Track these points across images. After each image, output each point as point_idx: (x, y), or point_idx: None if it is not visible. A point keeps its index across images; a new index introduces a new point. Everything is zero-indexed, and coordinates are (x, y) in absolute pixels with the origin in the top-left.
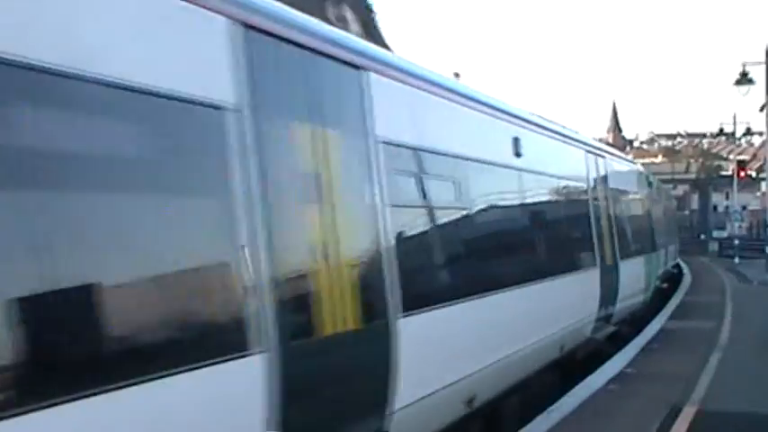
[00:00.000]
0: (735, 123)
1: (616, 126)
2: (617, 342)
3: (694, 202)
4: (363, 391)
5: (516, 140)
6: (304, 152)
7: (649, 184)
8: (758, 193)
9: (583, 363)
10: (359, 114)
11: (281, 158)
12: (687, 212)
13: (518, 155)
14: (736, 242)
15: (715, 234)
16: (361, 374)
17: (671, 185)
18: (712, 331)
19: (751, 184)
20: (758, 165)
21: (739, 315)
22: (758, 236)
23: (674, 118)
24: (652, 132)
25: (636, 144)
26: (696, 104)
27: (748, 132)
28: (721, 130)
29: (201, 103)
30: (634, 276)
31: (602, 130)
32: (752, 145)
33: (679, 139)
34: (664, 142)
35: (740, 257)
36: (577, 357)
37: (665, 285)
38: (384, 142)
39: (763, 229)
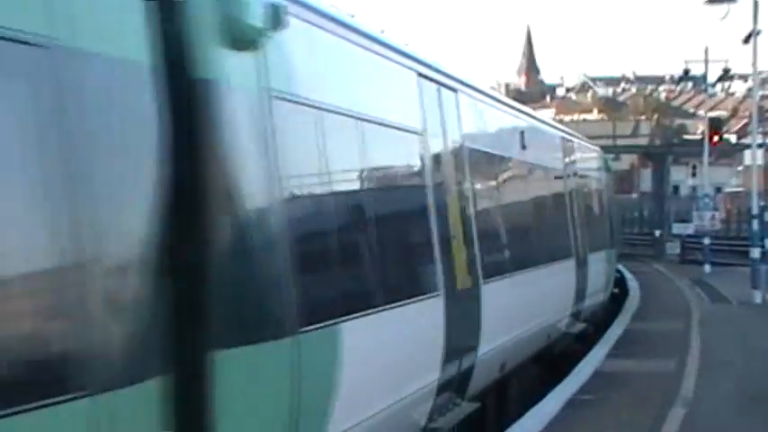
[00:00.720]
0: (706, 62)
1: (531, 65)
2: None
3: (646, 180)
4: (473, 333)
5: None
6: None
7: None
8: (739, 168)
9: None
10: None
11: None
12: (635, 196)
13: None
14: (707, 241)
15: (676, 230)
16: (470, 322)
17: (611, 156)
18: (671, 377)
19: (729, 153)
20: (740, 124)
21: (711, 353)
22: (738, 233)
23: (617, 55)
24: (585, 75)
25: (560, 92)
26: (650, 37)
27: (726, 76)
28: (686, 72)
29: (408, 130)
30: (598, 271)
31: (510, 71)
32: (731, 95)
33: (624, 85)
34: (602, 90)
35: (712, 264)
36: (555, 353)
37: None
38: None
39: (746, 223)
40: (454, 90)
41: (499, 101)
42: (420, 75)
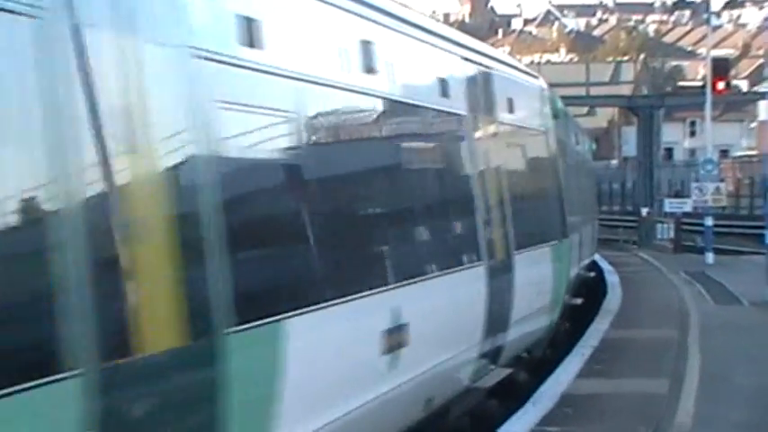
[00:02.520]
0: None
1: None
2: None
3: (629, 142)
4: (507, 303)
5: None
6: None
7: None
8: (752, 125)
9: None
10: None
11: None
12: (614, 163)
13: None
14: (709, 222)
15: (668, 207)
16: (505, 294)
17: (583, 111)
18: (662, 403)
19: (738, 105)
20: (753, 66)
21: (715, 370)
22: (750, 210)
23: None
24: (549, 2)
25: (517, 25)
26: None
27: (734, 1)
28: None
29: (537, 130)
30: (535, 280)
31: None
32: (741, 28)
33: (601, 15)
34: (571, 23)
35: (716, 252)
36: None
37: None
38: None
39: (760, 198)
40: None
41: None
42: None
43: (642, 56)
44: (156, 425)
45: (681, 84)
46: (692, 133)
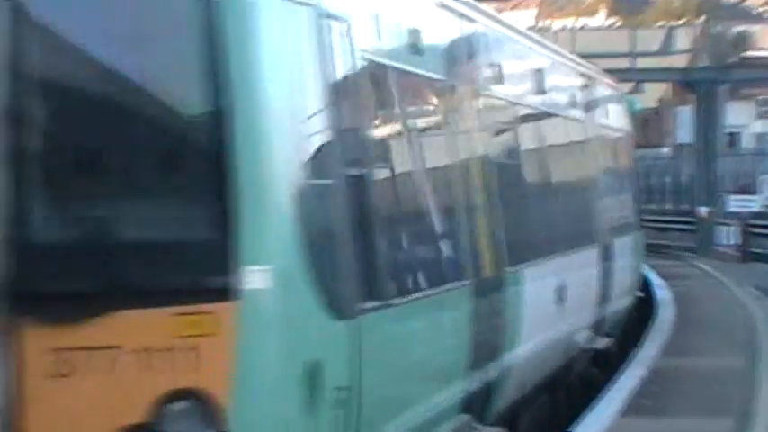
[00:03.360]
0: None
1: None
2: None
3: (684, 125)
4: (610, 281)
5: None
6: None
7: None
8: None
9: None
10: None
11: None
12: (666, 151)
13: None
14: None
15: (733, 206)
16: (608, 273)
17: (628, 88)
18: None
19: None
20: None
21: None
22: None
23: None
24: None
25: None
26: None
27: None
28: None
29: (621, 130)
30: (623, 264)
31: None
32: None
33: None
34: None
35: None
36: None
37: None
38: None
39: None
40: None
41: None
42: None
43: (701, 19)
44: (483, 321)
45: (749, 54)
46: (764, 114)
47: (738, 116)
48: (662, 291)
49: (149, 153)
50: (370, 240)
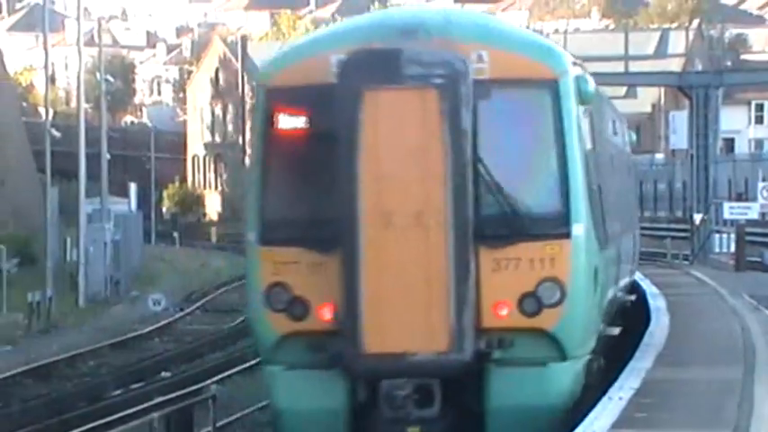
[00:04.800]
0: None
1: None
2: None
3: (679, 130)
4: (635, 256)
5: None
6: None
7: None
8: None
9: None
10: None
11: None
12: (660, 158)
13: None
14: None
15: (729, 213)
16: (635, 251)
17: (621, 92)
18: None
19: None
20: None
21: None
22: None
23: None
24: None
25: None
26: None
27: None
28: None
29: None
30: (635, 248)
31: None
32: None
33: None
34: None
35: None
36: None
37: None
38: None
39: None
40: None
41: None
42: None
43: (696, 21)
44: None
45: (744, 57)
46: (759, 119)
47: (734, 121)
48: (656, 300)
49: (546, 181)
50: (605, 215)
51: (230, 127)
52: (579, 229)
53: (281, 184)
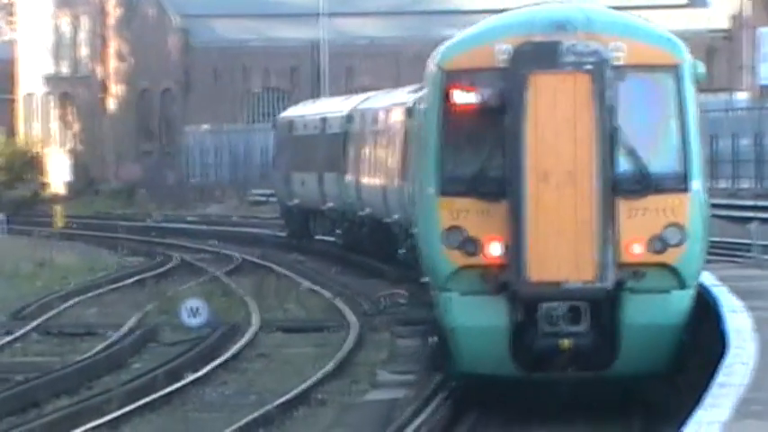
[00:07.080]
0: None
1: None
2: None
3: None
4: None
5: None
6: None
7: None
8: None
9: None
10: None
11: None
12: (743, 95)
13: None
14: None
15: None
16: None
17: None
18: None
19: None
20: None
21: None
22: None
23: None
24: None
25: None
26: None
27: None
28: None
29: None
30: None
31: None
32: None
33: None
34: None
35: None
36: None
37: None
38: None
39: None
40: None
41: None
42: None
43: None
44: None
45: None
46: None
47: None
48: (735, 316)
49: (670, 146)
50: (705, 180)
51: (84, 52)
52: (697, 184)
53: (455, 147)
